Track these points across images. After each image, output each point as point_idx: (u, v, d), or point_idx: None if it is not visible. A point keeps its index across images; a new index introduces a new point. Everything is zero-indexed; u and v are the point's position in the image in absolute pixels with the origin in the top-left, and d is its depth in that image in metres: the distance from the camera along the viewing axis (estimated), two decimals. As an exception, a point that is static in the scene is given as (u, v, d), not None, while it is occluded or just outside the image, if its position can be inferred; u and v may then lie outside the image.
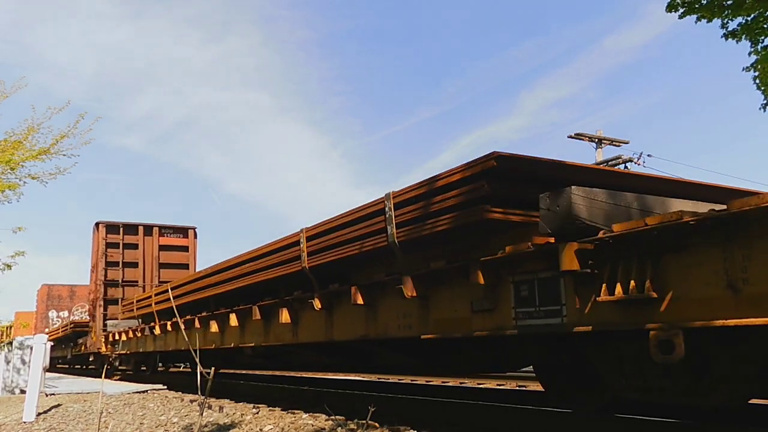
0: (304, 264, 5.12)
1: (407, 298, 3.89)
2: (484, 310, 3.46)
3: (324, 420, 5.01)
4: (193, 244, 16.71)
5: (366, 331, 4.49)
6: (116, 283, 15.59)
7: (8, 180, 13.59)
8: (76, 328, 17.93)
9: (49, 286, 30.90)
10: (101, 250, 15.42)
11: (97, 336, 14.81)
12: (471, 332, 3.53)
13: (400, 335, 4.14)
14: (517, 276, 3.28)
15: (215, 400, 7.03)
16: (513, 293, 3.29)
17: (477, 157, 3.35)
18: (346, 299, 4.61)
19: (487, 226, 3.41)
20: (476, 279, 3.34)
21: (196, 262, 16.56)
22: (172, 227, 16.62)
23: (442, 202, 3.54)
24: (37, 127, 13.69)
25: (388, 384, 9.36)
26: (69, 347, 19.70)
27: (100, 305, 15.20)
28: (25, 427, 6.32)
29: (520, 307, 3.25)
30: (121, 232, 15.91)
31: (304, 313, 5.35)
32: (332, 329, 4.92)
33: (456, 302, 3.66)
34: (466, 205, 3.40)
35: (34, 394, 6.96)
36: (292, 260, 5.36)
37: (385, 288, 4.26)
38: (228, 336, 6.80)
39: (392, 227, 4.02)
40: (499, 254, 3.27)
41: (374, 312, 4.43)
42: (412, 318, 4.02)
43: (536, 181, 3.36)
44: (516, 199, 3.39)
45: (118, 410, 6.92)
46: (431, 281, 3.83)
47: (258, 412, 5.82)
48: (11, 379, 11.71)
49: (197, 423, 5.02)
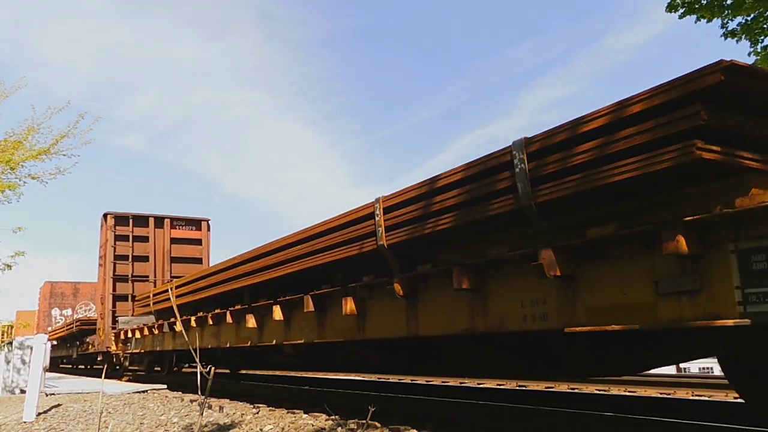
0: (381, 241, 4.13)
1: (544, 279, 2.92)
2: (681, 291, 2.46)
3: (324, 420, 4.91)
4: (206, 237, 15.62)
5: (470, 323, 3.50)
6: (126, 278, 14.61)
7: (8, 180, 13.71)
8: (82, 326, 17.00)
9: (52, 284, 30.17)
10: (110, 243, 14.45)
11: (106, 334, 13.92)
12: (656, 323, 2.54)
13: (527, 328, 3.14)
14: (743, 242, 2.29)
15: (215, 399, 7.06)
16: (737, 267, 2.30)
17: (683, 74, 2.37)
18: (441, 283, 3.68)
19: (691, 170, 2.43)
20: (673, 248, 2.35)
21: (210, 256, 15.46)
22: (184, 219, 15.52)
23: (624, 140, 2.54)
24: (37, 127, 13.79)
25: (388, 384, 9.01)
26: (74, 346, 18.72)
27: (108, 301, 14.29)
28: (25, 427, 6.16)
29: (750, 286, 2.26)
30: (131, 223, 14.87)
31: (375, 303, 4.37)
32: (417, 322, 3.93)
33: (627, 282, 2.67)
34: (664, 142, 2.41)
35: (34, 394, 6.82)
36: (362, 238, 4.37)
37: (505, 267, 3.28)
38: (268, 332, 5.80)
39: (525, 184, 3.03)
40: (717, 211, 2.30)
41: (483, 299, 3.43)
42: (549, 305, 3.03)
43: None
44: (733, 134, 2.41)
45: (118, 410, 6.87)
46: (585, 254, 2.84)
47: (258, 412, 5.77)
48: (11, 379, 11.46)
49: (197, 423, 5.00)
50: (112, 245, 14.47)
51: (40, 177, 13.91)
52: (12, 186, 13.78)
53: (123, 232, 14.75)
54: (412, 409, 5.21)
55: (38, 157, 13.73)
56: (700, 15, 9.91)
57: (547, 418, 4.17)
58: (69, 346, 19.64)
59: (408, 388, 7.74)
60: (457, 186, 3.56)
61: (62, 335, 19.73)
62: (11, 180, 13.74)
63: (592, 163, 2.67)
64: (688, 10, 9.95)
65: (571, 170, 2.78)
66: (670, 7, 10.06)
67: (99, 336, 14.58)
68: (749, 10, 9.51)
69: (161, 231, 15.14)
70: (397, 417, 4.87)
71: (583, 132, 2.72)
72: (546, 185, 2.93)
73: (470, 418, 4.54)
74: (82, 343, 17.25)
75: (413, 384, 8.72)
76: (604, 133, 2.63)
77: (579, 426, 3.86)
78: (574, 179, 2.75)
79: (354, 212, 4.52)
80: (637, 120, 2.49)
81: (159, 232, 15.13)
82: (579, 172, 2.73)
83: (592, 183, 2.65)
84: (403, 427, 4.30)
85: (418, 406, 5.31)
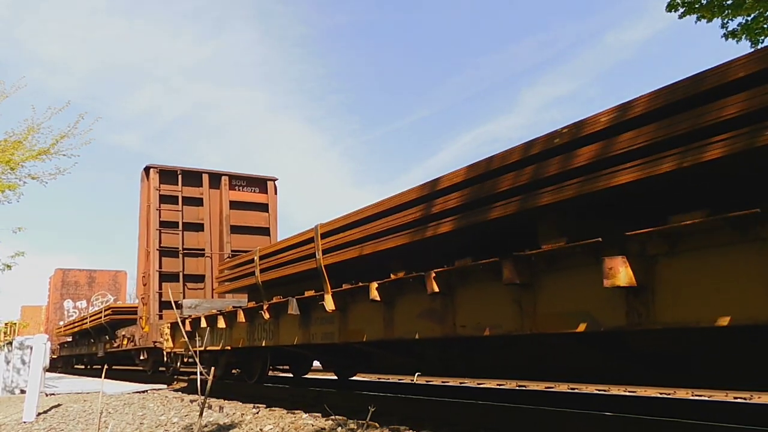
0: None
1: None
2: None
3: (324, 420, 4.89)
4: (273, 201, 12.33)
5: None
6: (175, 251, 11.22)
7: (8, 180, 13.74)
8: (114, 315, 13.71)
9: (65, 271, 26.89)
10: (153, 206, 11.15)
11: (152, 324, 10.80)
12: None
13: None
14: None
15: (215, 400, 7.00)
16: None
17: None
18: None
19: None
20: None
21: (277, 226, 12.22)
22: (246, 177, 12.26)
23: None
24: (37, 128, 13.81)
25: (388, 384, 8.85)
26: (101, 342, 15.11)
27: (154, 281, 10.95)
28: (25, 427, 6.13)
29: None
30: (180, 180, 11.58)
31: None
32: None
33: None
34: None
35: (34, 394, 6.78)
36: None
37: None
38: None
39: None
40: None
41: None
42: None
43: None
44: None
45: (118, 410, 6.82)
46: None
47: (258, 412, 5.75)
48: (11, 379, 11.50)
49: (197, 423, 4.95)
50: (157, 208, 11.21)
51: (40, 177, 13.97)
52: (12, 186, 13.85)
53: (171, 191, 11.50)
54: (412, 409, 5.18)
55: (38, 157, 13.80)
56: (700, 15, 9.93)
57: (547, 418, 4.16)
58: (93, 342, 16.28)
59: (408, 388, 7.72)
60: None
61: (84, 328, 16.57)
62: (11, 180, 13.83)
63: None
64: (688, 9, 9.98)
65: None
66: (670, 7, 10.09)
67: (141, 327, 11.45)
68: (749, 10, 9.54)
69: (217, 192, 11.94)
70: (396, 417, 4.83)
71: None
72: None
73: (470, 418, 4.53)
74: (114, 338, 13.94)
75: (413, 384, 8.68)
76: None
77: (579, 426, 3.85)
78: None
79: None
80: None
81: (214, 193, 11.92)
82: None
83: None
84: (402, 427, 4.29)
85: (418, 406, 5.29)
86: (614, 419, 3.82)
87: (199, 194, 11.80)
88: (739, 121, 2.21)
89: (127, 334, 12.78)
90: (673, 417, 3.98)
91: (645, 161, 2.53)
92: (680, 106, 2.46)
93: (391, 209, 4.37)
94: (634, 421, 3.74)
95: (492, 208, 3.32)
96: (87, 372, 18.33)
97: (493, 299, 3.32)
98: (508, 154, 3.34)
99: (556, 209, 3.02)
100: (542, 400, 5.52)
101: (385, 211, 4.44)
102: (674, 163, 2.40)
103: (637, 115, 2.63)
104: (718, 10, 9.78)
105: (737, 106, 2.22)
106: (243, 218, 11.96)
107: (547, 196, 2.99)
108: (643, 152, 2.54)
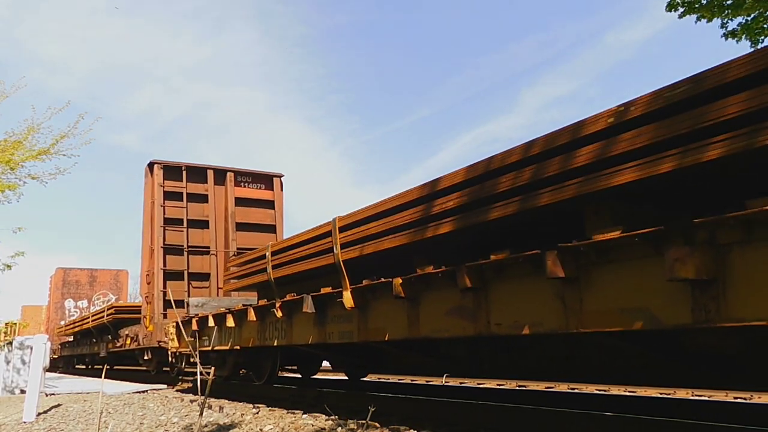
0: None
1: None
2: None
3: (324, 420, 4.87)
4: (279, 198, 12.21)
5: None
6: (179, 249, 11.06)
7: (8, 180, 13.80)
8: (117, 314, 13.72)
9: (66, 270, 26.71)
10: (158, 203, 11.05)
11: (156, 324, 10.75)
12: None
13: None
14: None
15: (216, 400, 6.99)
16: None
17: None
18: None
19: None
20: None
21: (283, 223, 12.12)
22: (251, 173, 12.15)
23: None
24: (37, 128, 13.86)
25: (388, 384, 8.83)
26: (104, 341, 15.04)
27: (158, 280, 10.78)
28: (25, 427, 6.12)
29: None
30: (184, 176, 11.45)
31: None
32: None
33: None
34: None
35: (34, 394, 6.77)
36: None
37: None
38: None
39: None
40: None
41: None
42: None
43: None
44: None
45: (118, 410, 6.82)
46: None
47: (258, 412, 5.74)
48: (11, 379, 11.47)
49: (197, 423, 4.95)
50: (161, 205, 11.06)
51: (40, 177, 14.03)
52: (12, 186, 13.89)
53: (175, 187, 11.33)
54: (412, 409, 5.19)
55: (38, 157, 13.88)
56: (700, 15, 9.93)
57: (547, 418, 4.15)
58: (95, 342, 16.19)
59: (408, 388, 7.71)
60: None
61: (85, 328, 16.56)
62: (11, 180, 13.89)
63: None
64: (688, 9, 9.97)
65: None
66: (669, 7, 10.08)
67: (145, 327, 11.30)
68: (749, 10, 9.56)
69: (222, 189, 11.79)
70: (396, 417, 4.82)
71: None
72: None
73: (470, 418, 4.52)
74: (117, 337, 13.80)
75: (413, 384, 8.67)
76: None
77: (579, 426, 3.85)
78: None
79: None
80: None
81: (219, 190, 11.77)
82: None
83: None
84: (402, 427, 4.27)
85: (418, 406, 5.27)
86: (614, 419, 3.81)
87: (203, 191, 11.67)
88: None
89: (130, 333, 12.63)
90: (673, 417, 3.99)
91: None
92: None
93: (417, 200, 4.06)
94: (634, 421, 3.73)
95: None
96: (87, 372, 18.23)
97: (532, 295, 3.10)
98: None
99: (611, 195, 2.79)
100: (542, 400, 5.52)
101: (407, 203, 4.17)
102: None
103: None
104: (718, 10, 9.80)
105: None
106: (248, 215, 11.83)
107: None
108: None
